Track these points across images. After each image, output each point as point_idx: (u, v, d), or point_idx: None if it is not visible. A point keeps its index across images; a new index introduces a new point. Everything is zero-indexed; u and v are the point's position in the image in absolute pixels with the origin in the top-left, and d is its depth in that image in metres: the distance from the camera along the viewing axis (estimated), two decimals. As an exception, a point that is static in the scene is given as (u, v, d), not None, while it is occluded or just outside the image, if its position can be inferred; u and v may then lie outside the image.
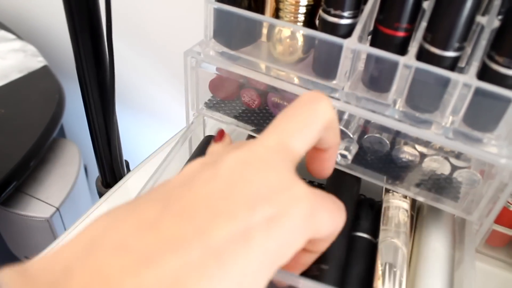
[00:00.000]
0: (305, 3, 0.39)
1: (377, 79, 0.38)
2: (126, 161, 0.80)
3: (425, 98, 0.37)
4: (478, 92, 0.35)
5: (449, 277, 0.40)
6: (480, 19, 0.37)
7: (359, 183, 0.44)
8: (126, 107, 1.04)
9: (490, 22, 0.37)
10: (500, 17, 0.37)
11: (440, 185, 0.41)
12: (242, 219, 0.22)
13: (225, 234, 0.21)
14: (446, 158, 0.40)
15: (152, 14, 0.85)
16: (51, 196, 0.82)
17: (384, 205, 0.43)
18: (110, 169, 0.74)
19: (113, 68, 0.60)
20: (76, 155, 0.89)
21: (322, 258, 0.37)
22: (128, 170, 0.84)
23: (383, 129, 0.41)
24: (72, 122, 1.02)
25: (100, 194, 0.50)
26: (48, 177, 0.84)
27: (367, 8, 0.37)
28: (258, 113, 0.46)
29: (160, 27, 0.86)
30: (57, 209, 0.81)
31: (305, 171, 0.33)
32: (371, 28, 0.40)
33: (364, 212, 0.43)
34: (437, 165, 0.41)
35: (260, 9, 0.42)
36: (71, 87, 0.89)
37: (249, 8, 0.42)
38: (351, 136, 0.41)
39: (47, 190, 0.83)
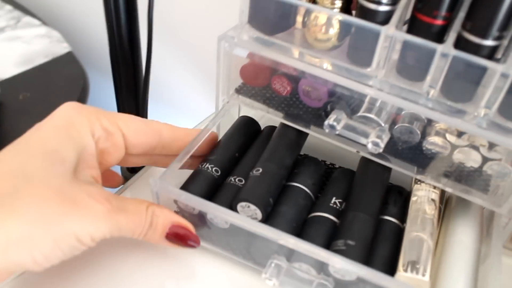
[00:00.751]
0: (343, -11, 0.39)
1: (412, 67, 0.38)
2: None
3: (460, 87, 0.37)
4: (515, 82, 0.34)
5: (473, 271, 0.40)
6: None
7: (389, 170, 0.44)
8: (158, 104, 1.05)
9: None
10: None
11: (470, 177, 0.41)
12: None
13: None
14: (477, 150, 0.40)
15: (179, 5, 0.85)
16: None
17: (412, 195, 0.42)
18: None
19: (150, 59, 0.60)
20: None
21: (350, 235, 0.38)
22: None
23: (414, 118, 0.40)
24: None
25: (126, 179, 0.50)
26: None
27: (405, -4, 0.37)
28: (289, 101, 0.46)
29: (183, 17, 0.86)
30: None
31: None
32: (407, 17, 0.40)
33: (393, 199, 0.43)
34: (467, 156, 0.41)
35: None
36: (95, 74, 0.90)
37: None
38: (383, 124, 0.41)
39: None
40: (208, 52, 0.45)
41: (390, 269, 0.38)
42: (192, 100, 1.00)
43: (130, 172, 0.78)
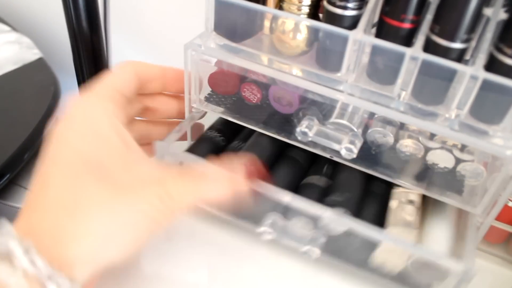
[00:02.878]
0: (310, -6, 0.37)
1: (382, 71, 0.37)
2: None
3: (431, 90, 0.36)
4: (485, 84, 0.34)
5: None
6: (485, 11, 0.35)
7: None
8: None
9: (495, 14, 0.35)
10: (505, 9, 0.36)
11: (444, 179, 0.40)
12: None
13: None
14: (450, 151, 0.39)
15: (149, 5, 0.83)
16: None
17: (392, 198, 0.42)
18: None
19: (109, 59, 0.58)
20: None
21: (341, 189, 0.43)
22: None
23: (387, 122, 0.39)
24: None
25: None
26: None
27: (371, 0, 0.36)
28: (259, 108, 0.44)
29: (158, 19, 0.84)
30: None
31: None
32: (375, 20, 0.38)
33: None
34: (440, 158, 0.40)
35: (262, 0, 0.41)
36: (67, 80, 0.87)
37: (250, -1, 0.40)
38: (355, 129, 0.40)
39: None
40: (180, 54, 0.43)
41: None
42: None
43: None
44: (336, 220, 0.38)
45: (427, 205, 0.44)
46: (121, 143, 0.36)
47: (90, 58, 0.60)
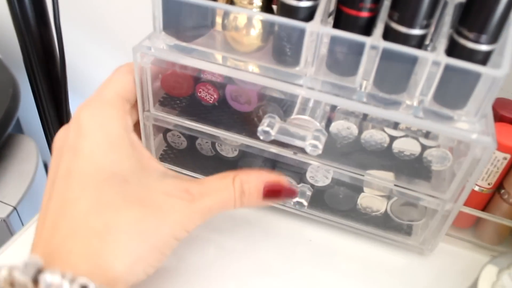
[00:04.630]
0: (261, -14, 0.35)
1: (343, 62, 0.35)
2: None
3: (393, 78, 0.35)
4: (448, 69, 0.32)
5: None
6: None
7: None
8: (80, 97, 0.98)
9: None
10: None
11: (412, 166, 0.39)
12: None
13: None
14: (415, 138, 0.38)
15: None
16: (8, 195, 0.77)
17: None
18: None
19: (63, 56, 0.55)
20: (33, 151, 0.84)
21: None
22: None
23: (350, 114, 0.38)
24: (30, 117, 0.95)
25: None
26: (4, 175, 0.80)
27: (327, -12, 0.34)
28: (217, 108, 0.42)
29: (115, 12, 0.80)
30: (14, 208, 0.77)
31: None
32: (331, 9, 0.37)
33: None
34: (406, 146, 0.39)
35: (211, -4, 0.38)
36: (26, 80, 0.83)
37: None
38: (318, 124, 0.38)
39: (3, 188, 0.78)
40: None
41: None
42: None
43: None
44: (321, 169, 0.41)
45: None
46: (138, 155, 0.36)
47: (40, 53, 0.56)
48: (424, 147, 0.39)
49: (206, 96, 0.42)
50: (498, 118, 0.42)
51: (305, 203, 0.42)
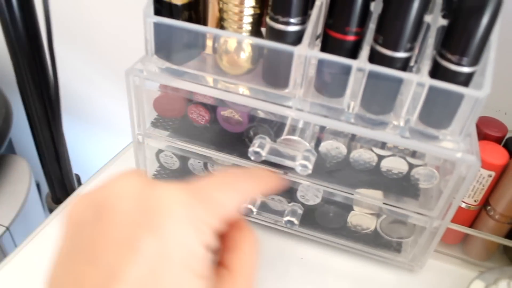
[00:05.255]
0: (250, 12, 0.36)
1: (330, 84, 0.36)
2: (76, 175, 0.75)
3: (380, 99, 0.36)
4: (432, 90, 0.33)
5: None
6: (426, 18, 0.35)
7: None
8: (74, 117, 0.98)
9: (435, 20, 0.36)
10: (443, 13, 0.36)
11: (400, 184, 0.40)
12: None
13: None
14: (403, 157, 0.39)
15: (99, 19, 0.79)
16: (0, 215, 0.77)
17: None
18: (60, 183, 0.69)
19: (57, 77, 0.55)
20: (26, 172, 0.84)
21: None
22: (80, 184, 0.78)
23: (338, 134, 0.39)
24: (22, 137, 0.96)
25: (51, 210, 0.46)
26: (-3, 195, 0.79)
27: (314, 13, 0.35)
28: (209, 129, 0.43)
29: (107, 34, 0.81)
30: (7, 228, 0.76)
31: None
32: (319, 32, 0.38)
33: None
34: (394, 164, 0.40)
35: (202, 20, 0.39)
36: (19, 100, 0.83)
37: (189, 19, 0.39)
38: (307, 145, 0.39)
39: (-4, 209, 0.78)
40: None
41: None
42: (122, 118, 0.94)
43: (55, 203, 0.72)
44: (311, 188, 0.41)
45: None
46: None
47: (34, 75, 0.56)
48: (411, 166, 0.39)
49: (197, 118, 0.42)
50: (483, 136, 0.43)
51: (296, 222, 0.42)
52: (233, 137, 0.43)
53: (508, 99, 0.54)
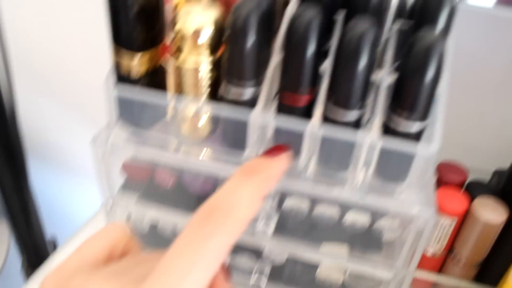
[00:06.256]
0: (207, 77, 0.37)
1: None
2: (53, 237, 0.74)
3: (335, 158, 0.37)
4: (384, 148, 0.34)
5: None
6: (375, 74, 0.37)
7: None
8: (43, 166, 0.96)
9: (384, 76, 0.37)
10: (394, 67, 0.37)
11: (363, 237, 0.41)
12: None
13: None
14: (364, 211, 0.40)
15: (65, 56, 0.79)
16: None
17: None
18: (34, 249, 0.68)
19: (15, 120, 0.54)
20: (5, 234, 0.82)
21: None
22: (55, 247, 0.78)
23: (299, 193, 0.40)
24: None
25: (28, 275, 0.46)
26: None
27: (268, 75, 0.36)
28: (175, 192, 0.44)
29: (71, 74, 0.80)
30: None
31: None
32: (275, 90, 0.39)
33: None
34: (357, 218, 0.40)
35: (162, 84, 0.40)
36: None
37: (151, 83, 0.39)
38: (269, 204, 0.39)
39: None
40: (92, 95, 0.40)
41: None
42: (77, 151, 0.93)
43: (32, 268, 0.72)
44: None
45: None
46: None
47: None
48: (373, 219, 0.40)
49: (163, 182, 0.43)
50: (444, 182, 0.43)
51: (264, 281, 0.42)
52: (200, 198, 0.43)
53: (477, 132, 0.55)
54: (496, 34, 0.50)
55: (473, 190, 0.43)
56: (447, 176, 0.44)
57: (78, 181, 0.97)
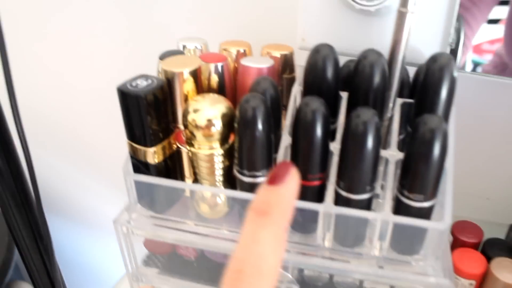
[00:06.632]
0: (220, 166, 0.38)
1: (303, 224, 0.38)
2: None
3: (350, 235, 0.38)
4: (397, 224, 0.35)
5: None
6: (384, 153, 0.37)
7: None
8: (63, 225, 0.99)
9: (392, 153, 0.38)
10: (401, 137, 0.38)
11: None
12: None
13: None
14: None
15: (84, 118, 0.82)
16: None
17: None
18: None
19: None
20: None
21: None
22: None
23: (317, 267, 0.40)
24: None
25: None
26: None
27: (279, 159, 0.37)
28: (199, 263, 0.45)
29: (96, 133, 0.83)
30: None
31: None
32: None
33: None
34: (377, 285, 0.41)
35: (178, 169, 0.42)
36: None
37: (167, 166, 0.41)
38: (290, 276, 0.40)
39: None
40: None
41: None
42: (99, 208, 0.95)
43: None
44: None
45: None
46: None
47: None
48: (393, 286, 0.41)
49: (186, 253, 0.44)
50: (459, 243, 0.44)
51: None
52: (222, 269, 0.44)
53: (490, 185, 0.56)
54: (492, 94, 0.52)
55: (490, 249, 0.43)
56: (462, 237, 0.44)
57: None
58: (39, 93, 0.80)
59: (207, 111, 0.36)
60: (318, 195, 0.37)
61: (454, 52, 0.48)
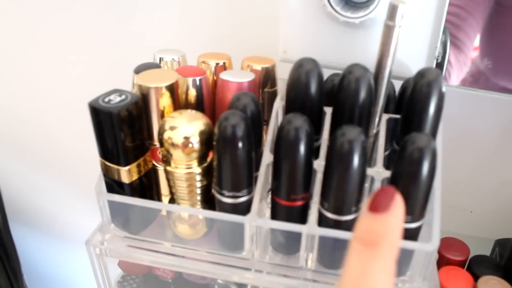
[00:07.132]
0: (198, 185, 0.36)
1: (285, 245, 0.37)
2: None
3: (335, 256, 0.36)
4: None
5: None
6: (369, 171, 0.36)
7: None
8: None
9: (378, 174, 0.36)
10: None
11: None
12: None
13: None
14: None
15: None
16: None
17: None
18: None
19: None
20: None
21: None
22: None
23: None
24: None
25: None
26: None
27: (259, 183, 0.35)
28: (176, 283, 0.43)
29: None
30: None
31: None
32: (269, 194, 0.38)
33: None
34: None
35: (155, 186, 0.40)
36: None
37: (143, 184, 0.39)
38: (272, 299, 0.38)
39: None
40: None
41: None
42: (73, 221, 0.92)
43: None
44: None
45: None
46: None
47: None
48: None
49: (163, 274, 0.42)
50: (445, 261, 0.43)
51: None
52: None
53: (473, 198, 0.55)
54: (476, 108, 0.51)
55: (477, 267, 0.42)
56: (449, 254, 0.43)
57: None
58: (12, 106, 0.77)
59: (184, 129, 0.34)
60: (301, 215, 0.36)
61: (440, 65, 0.47)
